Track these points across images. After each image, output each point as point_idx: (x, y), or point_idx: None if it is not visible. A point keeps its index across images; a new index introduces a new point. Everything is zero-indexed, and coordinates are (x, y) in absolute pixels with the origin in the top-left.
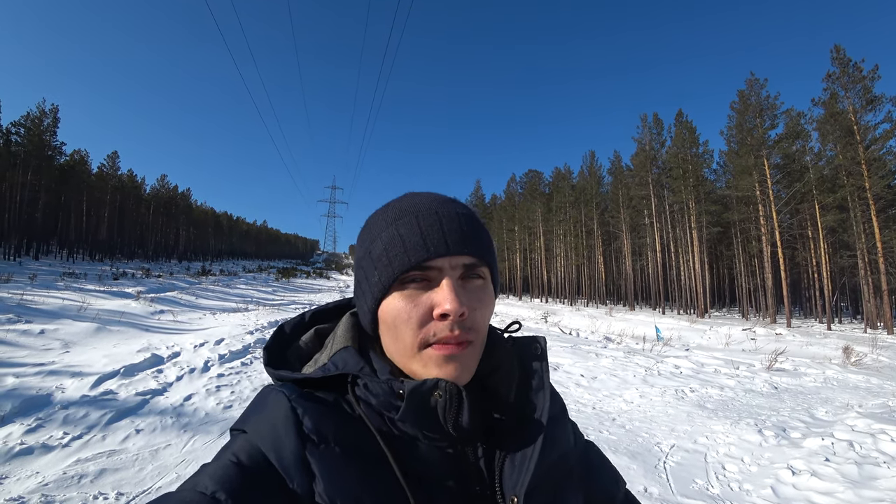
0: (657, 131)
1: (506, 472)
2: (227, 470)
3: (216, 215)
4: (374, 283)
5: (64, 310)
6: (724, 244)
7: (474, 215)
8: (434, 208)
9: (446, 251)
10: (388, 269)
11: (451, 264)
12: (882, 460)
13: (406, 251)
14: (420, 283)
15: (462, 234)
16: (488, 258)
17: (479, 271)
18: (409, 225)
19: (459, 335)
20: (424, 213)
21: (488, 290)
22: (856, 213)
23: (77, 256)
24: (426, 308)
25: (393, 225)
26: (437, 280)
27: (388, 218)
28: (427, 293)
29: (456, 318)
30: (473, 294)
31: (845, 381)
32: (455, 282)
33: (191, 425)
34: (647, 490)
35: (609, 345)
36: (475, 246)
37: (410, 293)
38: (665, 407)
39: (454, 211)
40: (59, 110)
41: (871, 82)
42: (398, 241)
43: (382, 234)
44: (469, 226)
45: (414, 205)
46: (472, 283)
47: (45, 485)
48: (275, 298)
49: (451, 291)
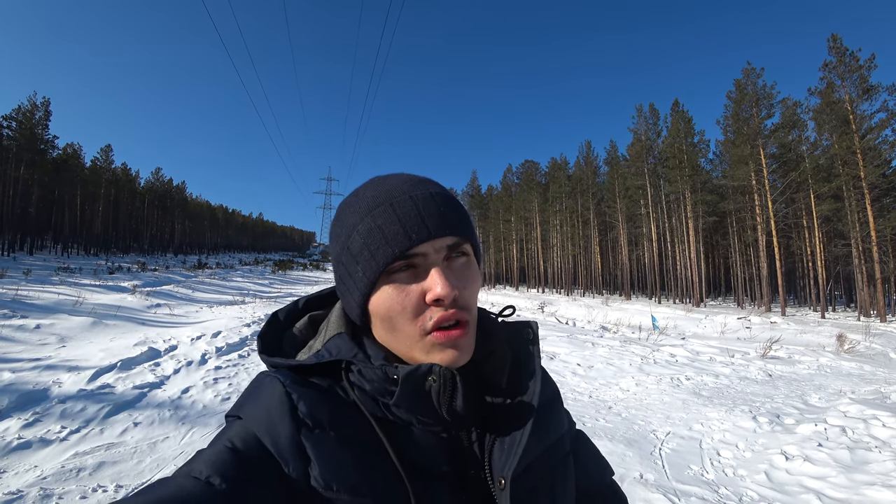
0: (653, 121)
1: (495, 455)
2: (222, 455)
3: (212, 208)
4: (359, 278)
5: (59, 304)
6: (719, 234)
7: (448, 193)
8: (408, 192)
9: (428, 236)
10: (372, 263)
11: (434, 248)
12: (874, 445)
13: (387, 242)
14: (406, 272)
15: (440, 216)
16: (469, 234)
17: (462, 248)
18: (386, 214)
19: (455, 313)
20: (398, 198)
21: (472, 266)
22: (850, 203)
23: (72, 251)
24: (418, 296)
25: (368, 216)
26: (422, 266)
27: (362, 209)
28: (416, 281)
29: (449, 302)
30: (460, 273)
31: (838, 368)
32: (441, 265)
33: (189, 418)
34: (644, 476)
35: (605, 334)
36: (454, 225)
37: (399, 284)
38: (661, 395)
39: (428, 192)
40: (50, 103)
41: (867, 72)
42: (377, 233)
43: (359, 227)
44: (446, 205)
45: (385, 191)
46: (456, 262)
47: (43, 478)
48: (271, 291)
49: (441, 276)
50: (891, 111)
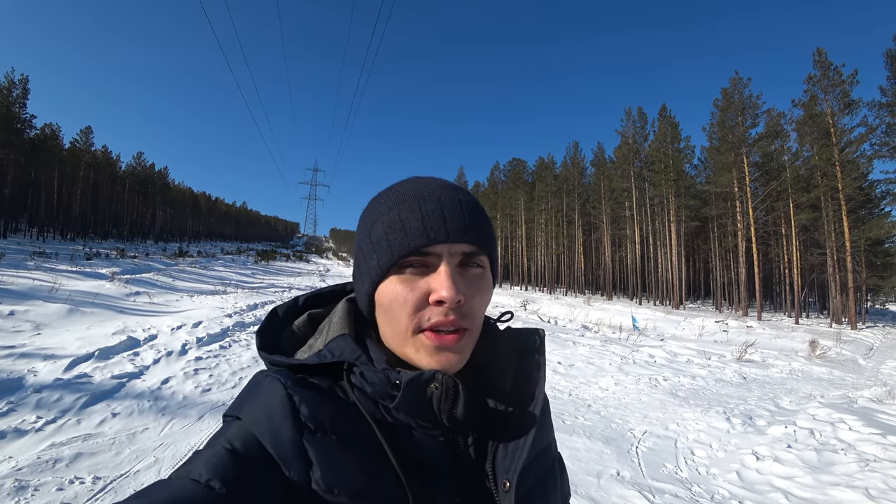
0: (641, 125)
1: (498, 459)
2: (222, 457)
3: (194, 195)
4: (373, 266)
5: (34, 290)
6: (701, 238)
7: (478, 204)
8: (437, 194)
9: (446, 238)
10: (388, 253)
11: (450, 251)
12: (840, 447)
13: (406, 236)
14: (418, 269)
15: (463, 222)
16: (488, 248)
17: (479, 260)
18: (411, 209)
19: (454, 320)
20: (427, 198)
21: (486, 279)
22: (828, 213)
23: (48, 235)
24: (422, 293)
25: (395, 209)
26: (435, 266)
27: (391, 201)
28: (424, 278)
29: (452, 305)
30: (471, 282)
31: (810, 372)
32: (453, 269)
33: (169, 409)
34: (620, 473)
35: (587, 333)
36: (475, 234)
37: (408, 277)
38: (639, 394)
39: (457, 198)
40: (28, 81)
41: (849, 86)
42: (399, 225)
43: (384, 218)
44: (471, 214)
45: (417, 189)
46: (470, 272)
47: (18, 469)
48: (254, 281)
49: (449, 278)
50: (870, 126)
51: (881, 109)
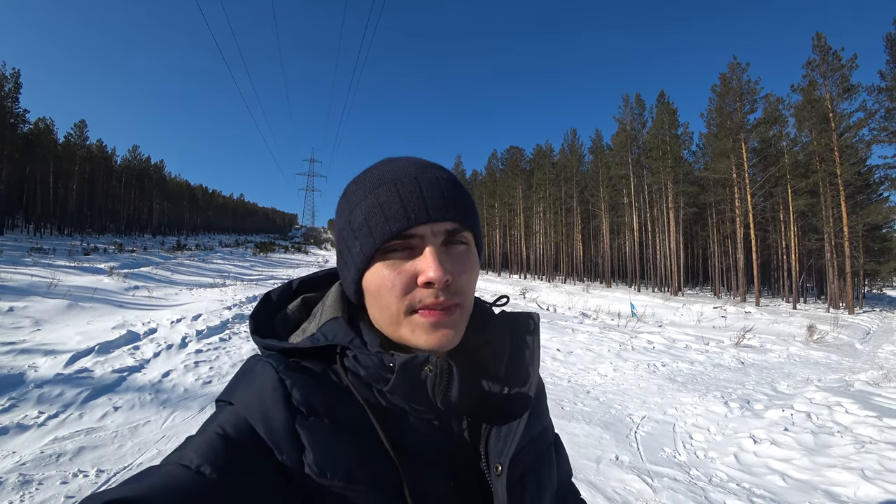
0: (639, 111)
1: (491, 442)
2: (213, 443)
3: (191, 188)
4: (356, 253)
5: (33, 286)
6: (699, 225)
7: (455, 179)
8: (413, 174)
9: (427, 218)
10: (370, 239)
11: (432, 231)
12: (836, 430)
13: (387, 220)
14: (402, 252)
15: (443, 200)
16: (470, 223)
17: (462, 236)
18: (389, 192)
19: (445, 301)
20: (404, 179)
21: (472, 254)
22: (826, 199)
23: (45, 231)
24: (410, 276)
25: (372, 193)
26: (419, 248)
27: (367, 186)
28: (410, 261)
29: (441, 286)
30: (457, 259)
31: (807, 357)
32: (438, 248)
33: (170, 401)
34: (619, 458)
35: (585, 320)
36: (456, 211)
37: (393, 262)
38: (637, 380)
39: (434, 175)
40: (20, 74)
41: (849, 71)
42: (378, 210)
43: (362, 204)
44: (450, 191)
45: (392, 171)
46: (455, 249)
47: (22, 464)
48: (252, 273)
49: (435, 259)
50: (869, 111)
51: (880, 94)
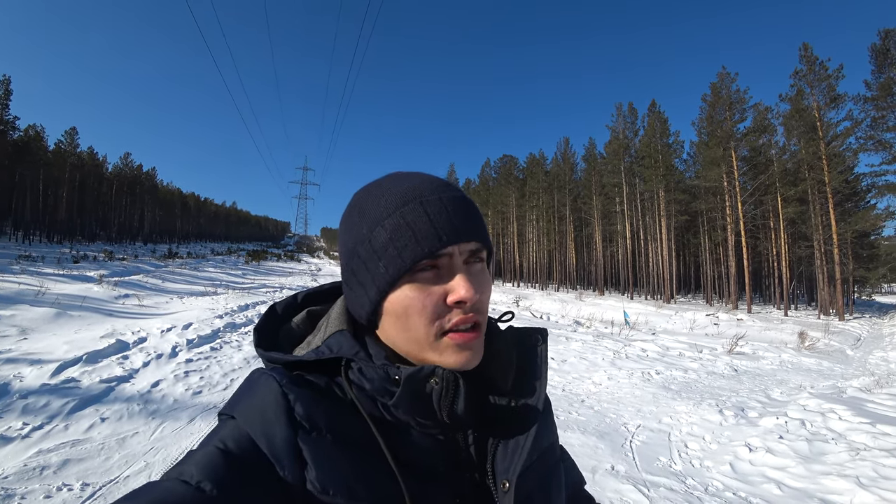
0: (631, 120)
1: (498, 458)
2: (214, 458)
3: (183, 196)
4: (380, 274)
5: (20, 294)
6: (690, 232)
7: (470, 199)
8: (437, 193)
9: (457, 238)
10: (398, 260)
11: (459, 251)
12: (830, 437)
13: (417, 241)
14: (430, 273)
15: (467, 220)
16: (488, 242)
17: (481, 255)
18: (416, 212)
19: (473, 316)
20: (429, 199)
21: (487, 272)
22: (815, 206)
23: (34, 238)
24: (439, 297)
25: (398, 212)
26: (445, 267)
27: (390, 204)
28: (438, 282)
29: (471, 305)
30: (477, 278)
31: (799, 363)
32: (463, 268)
33: (159, 412)
34: (615, 468)
35: (579, 329)
36: (479, 231)
37: (422, 283)
38: (632, 389)
39: (454, 196)
40: (10, 81)
41: (835, 81)
42: (406, 230)
43: (385, 222)
44: (471, 211)
45: (413, 189)
46: (474, 268)
47: (4, 477)
48: (244, 282)
49: (466, 279)
50: (855, 120)
51: (866, 103)
